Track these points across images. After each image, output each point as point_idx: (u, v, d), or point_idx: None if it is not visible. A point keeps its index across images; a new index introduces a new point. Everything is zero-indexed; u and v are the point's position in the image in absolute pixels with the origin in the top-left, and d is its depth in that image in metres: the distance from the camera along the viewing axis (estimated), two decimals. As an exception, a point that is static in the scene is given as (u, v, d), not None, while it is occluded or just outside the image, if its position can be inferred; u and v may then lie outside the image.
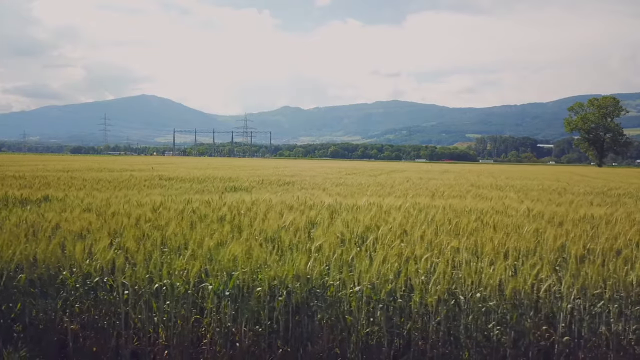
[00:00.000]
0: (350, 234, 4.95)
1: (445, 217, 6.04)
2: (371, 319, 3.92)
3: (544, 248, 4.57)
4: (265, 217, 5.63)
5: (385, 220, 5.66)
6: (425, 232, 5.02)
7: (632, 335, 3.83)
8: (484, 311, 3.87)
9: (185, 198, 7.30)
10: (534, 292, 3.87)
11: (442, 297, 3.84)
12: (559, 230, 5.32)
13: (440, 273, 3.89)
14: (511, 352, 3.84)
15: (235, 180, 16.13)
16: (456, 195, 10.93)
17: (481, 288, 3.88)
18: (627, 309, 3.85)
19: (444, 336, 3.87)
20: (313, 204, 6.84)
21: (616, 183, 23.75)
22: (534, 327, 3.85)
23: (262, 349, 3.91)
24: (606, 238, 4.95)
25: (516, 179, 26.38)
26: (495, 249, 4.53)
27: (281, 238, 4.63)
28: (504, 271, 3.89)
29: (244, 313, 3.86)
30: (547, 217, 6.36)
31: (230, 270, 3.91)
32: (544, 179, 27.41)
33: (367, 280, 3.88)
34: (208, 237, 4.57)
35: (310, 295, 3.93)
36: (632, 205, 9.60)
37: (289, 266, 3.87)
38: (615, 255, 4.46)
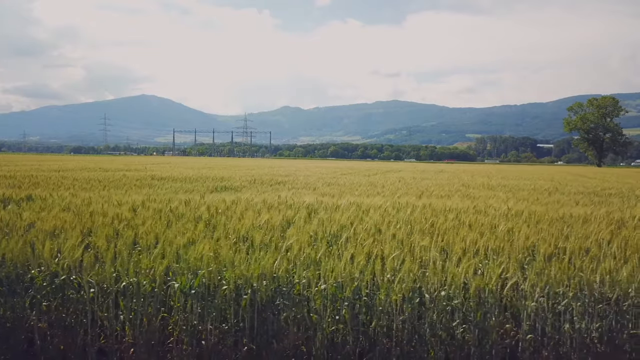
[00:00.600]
0: (323, 233, 4.98)
1: (423, 216, 6.06)
2: (337, 317, 3.94)
3: (514, 247, 4.59)
4: (243, 216, 5.65)
5: (362, 219, 5.68)
6: (399, 231, 5.05)
7: (595, 333, 3.86)
8: (448, 309, 3.90)
9: (167, 197, 7.32)
10: (499, 291, 3.90)
11: (407, 295, 3.86)
12: (533, 229, 5.35)
13: (405, 271, 3.92)
14: (475, 351, 3.87)
15: (227, 180, 16.15)
16: (443, 195, 10.95)
17: (446, 286, 3.91)
18: (590, 307, 3.88)
19: (409, 334, 3.90)
20: (293, 204, 6.86)
21: (611, 183, 23.76)
22: (498, 325, 3.87)
23: (229, 346, 3.93)
24: (578, 237, 4.97)
25: (511, 178, 26.39)
26: (465, 248, 4.55)
27: (252, 237, 4.65)
28: (468, 270, 3.92)
29: (210, 311, 3.88)
30: (525, 216, 6.39)
31: (196, 268, 3.94)
32: (539, 179, 27.42)
33: (332, 279, 3.91)
34: (180, 235, 4.59)
35: (276, 294, 3.96)
36: (618, 204, 9.62)
37: (255, 265, 3.90)
38: (583, 254, 4.49)
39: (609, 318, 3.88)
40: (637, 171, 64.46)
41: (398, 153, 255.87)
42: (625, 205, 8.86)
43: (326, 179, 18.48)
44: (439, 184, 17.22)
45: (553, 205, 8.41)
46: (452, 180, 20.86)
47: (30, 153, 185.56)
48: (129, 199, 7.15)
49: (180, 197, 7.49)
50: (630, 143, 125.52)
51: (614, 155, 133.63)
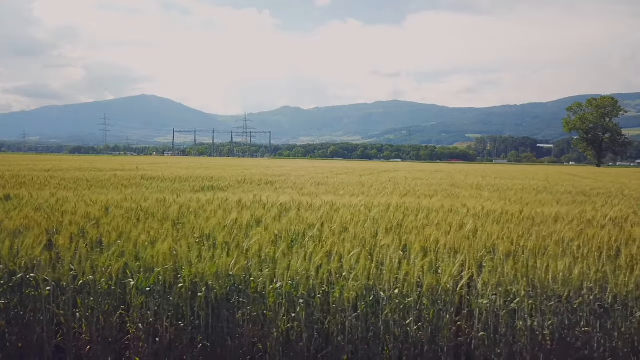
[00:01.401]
0: (287, 232, 5.01)
1: (394, 215, 6.10)
2: (292, 314, 3.98)
3: (474, 245, 4.62)
4: (213, 215, 5.69)
5: (332, 218, 5.72)
6: (364, 230, 5.09)
7: (547, 331, 3.89)
8: (402, 307, 3.93)
9: (144, 197, 7.36)
10: (452, 289, 3.94)
11: (360, 293, 3.90)
12: (500, 228, 5.38)
13: (360, 269, 3.95)
14: (429, 348, 3.91)
15: (216, 180, 16.20)
16: (427, 195, 10.99)
17: (399, 284, 3.94)
18: (542, 305, 3.91)
19: (363, 332, 3.93)
20: (267, 203, 6.90)
21: (603, 183, 23.78)
22: (451, 323, 3.91)
23: (185, 344, 3.97)
24: (541, 236, 5.01)
25: (505, 178, 26.43)
26: (425, 246, 4.59)
27: (215, 236, 4.69)
28: (423, 268, 3.96)
29: (166, 309, 3.92)
30: (496, 215, 6.42)
31: (152, 266, 3.98)
32: (533, 178, 27.45)
33: (287, 277, 3.95)
34: (145, 234, 4.63)
35: (232, 292, 3.99)
36: (599, 204, 9.65)
37: (210, 263, 3.94)
38: (542, 252, 4.52)
39: (561, 315, 3.92)
40: (635, 171, 64.46)
41: (398, 153, 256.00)
42: (602, 205, 8.90)
43: (317, 179, 18.51)
44: (429, 183, 17.26)
45: (532, 205, 8.45)
46: (443, 180, 20.89)
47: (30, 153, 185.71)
48: (106, 198, 7.20)
49: (157, 196, 7.53)
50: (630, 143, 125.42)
51: (614, 156, 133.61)
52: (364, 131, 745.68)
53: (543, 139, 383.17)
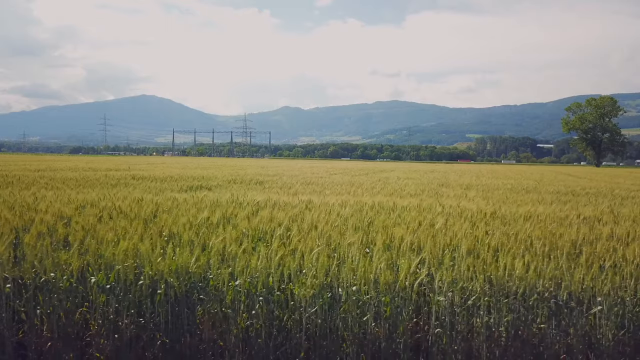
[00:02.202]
0: (254, 230, 5.06)
1: (367, 214, 6.14)
2: (253, 311, 4.02)
3: (437, 243, 4.66)
4: (186, 213, 5.73)
5: (303, 218, 5.76)
6: (332, 229, 5.13)
7: (502, 327, 3.93)
8: (360, 304, 3.97)
9: (122, 196, 7.40)
10: (410, 286, 3.97)
11: (317, 291, 3.94)
12: (468, 226, 5.43)
13: (319, 267, 3.99)
14: (386, 345, 3.94)
15: (207, 180, 16.24)
16: (412, 194, 11.03)
17: (357, 281, 3.98)
18: (499, 302, 3.95)
19: (321, 328, 3.97)
20: (242, 202, 6.94)
21: (597, 183, 23.82)
22: (409, 320, 3.95)
23: (145, 341, 4.01)
24: (508, 234, 5.05)
25: (499, 178, 26.47)
26: (388, 244, 4.63)
27: (181, 234, 4.73)
28: (380, 265, 4.00)
29: (126, 306, 3.96)
30: (469, 214, 6.46)
31: (113, 264, 4.02)
32: (527, 178, 27.49)
33: (247, 274, 3.99)
34: (112, 232, 4.67)
35: (192, 289, 4.04)
36: (581, 203, 9.69)
37: (170, 261, 3.98)
38: (505, 250, 4.55)
39: (517, 312, 3.96)
40: (632, 171, 64.46)
41: (398, 153, 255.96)
42: (584, 204, 8.93)
43: (309, 179, 18.54)
44: (419, 183, 17.28)
45: (511, 204, 8.49)
46: (435, 180, 20.92)
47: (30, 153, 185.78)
48: (85, 197, 7.24)
49: (138, 195, 7.56)
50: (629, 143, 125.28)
51: (614, 156, 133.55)
52: (364, 131, 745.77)
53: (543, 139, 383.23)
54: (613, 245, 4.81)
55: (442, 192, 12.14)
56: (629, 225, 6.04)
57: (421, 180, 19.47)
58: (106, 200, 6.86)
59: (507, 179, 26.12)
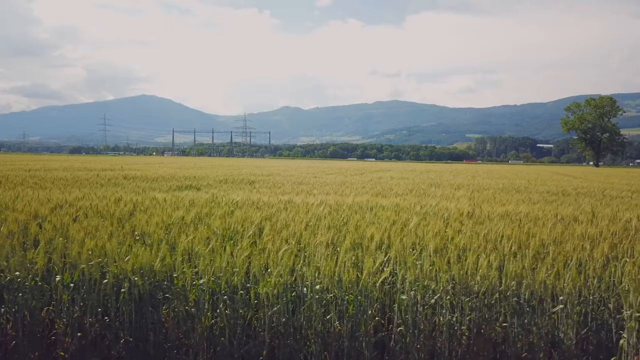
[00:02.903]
0: (225, 230, 5.08)
1: (343, 214, 6.16)
2: (218, 310, 4.04)
3: (405, 242, 4.67)
4: (161, 213, 5.74)
5: (277, 217, 5.78)
6: (304, 228, 5.14)
7: (464, 326, 3.95)
8: (324, 303, 3.99)
9: (103, 195, 7.42)
10: (372, 284, 3.99)
11: (281, 290, 3.95)
12: (442, 224, 5.45)
13: (284, 265, 4.01)
14: (349, 344, 3.96)
15: (199, 179, 16.25)
16: (400, 194, 11.04)
17: (321, 280, 4.00)
18: (461, 301, 3.97)
19: (285, 327, 3.99)
20: (221, 201, 6.96)
21: (591, 183, 23.81)
22: (371, 318, 3.96)
23: (110, 339, 4.03)
24: (474, 233, 5.06)
25: (494, 178, 26.48)
26: (357, 243, 4.65)
27: (151, 233, 4.75)
28: (344, 264, 4.01)
29: (91, 304, 3.98)
30: (446, 213, 6.48)
31: (77, 263, 4.04)
32: (522, 178, 27.48)
33: (211, 273, 4.01)
34: (82, 231, 4.69)
35: (156, 288, 4.06)
36: (566, 203, 9.71)
37: (134, 260, 4.00)
38: (473, 249, 4.57)
39: (479, 311, 3.97)
40: (630, 171, 64.46)
41: (397, 153, 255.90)
42: (569, 204, 8.94)
43: (302, 179, 18.56)
44: (411, 183, 17.28)
45: (495, 204, 8.51)
46: (428, 180, 20.93)
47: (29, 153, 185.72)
48: (65, 197, 7.25)
49: (121, 195, 7.59)
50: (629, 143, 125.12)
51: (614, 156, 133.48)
52: (364, 131, 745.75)
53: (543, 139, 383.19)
54: (582, 244, 4.83)
55: (430, 192, 12.15)
56: (605, 225, 6.06)
57: (414, 180, 19.48)
58: (86, 199, 6.88)
59: (502, 178, 26.15)
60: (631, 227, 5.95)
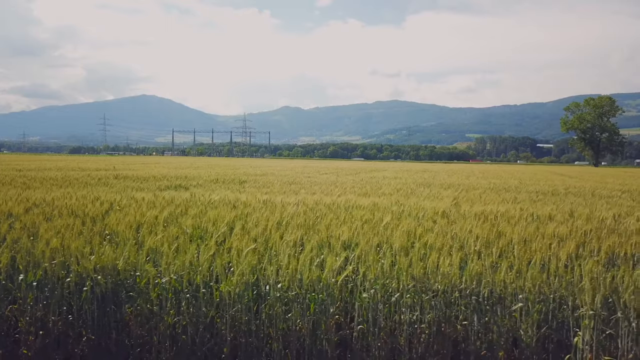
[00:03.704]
0: (195, 229, 5.10)
1: (317, 213, 6.18)
2: (181, 308, 4.06)
3: (372, 241, 4.69)
4: (135, 212, 5.77)
5: (251, 216, 5.80)
6: (274, 228, 5.17)
7: (424, 324, 3.97)
8: (285, 301, 4.01)
9: (81, 195, 7.45)
10: (334, 282, 4.01)
11: (243, 288, 3.98)
12: (414, 223, 5.47)
13: (246, 264, 4.03)
14: (310, 342, 3.99)
15: (190, 179, 16.28)
16: (386, 194, 11.07)
17: (283, 278, 4.02)
18: (421, 299, 3.99)
19: (247, 325, 4.02)
20: (198, 200, 7.00)
21: (585, 182, 23.81)
22: (331, 316, 3.99)
23: (74, 337, 4.06)
24: (442, 232, 5.09)
25: (489, 178, 26.51)
26: (323, 242, 4.67)
27: (119, 233, 4.78)
28: (305, 262, 4.04)
29: (51, 303, 4.01)
30: (422, 213, 6.50)
31: (41, 261, 4.06)
32: (515, 178, 27.49)
33: (173, 272, 4.03)
34: (52, 231, 4.72)
35: (119, 286, 4.08)
36: (549, 202, 9.73)
37: (97, 258, 4.03)
38: (438, 248, 4.59)
39: (439, 310, 4.00)
40: (627, 171, 64.46)
41: (397, 153, 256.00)
42: (554, 203, 8.97)
43: (294, 179, 18.58)
44: (402, 183, 17.31)
45: (477, 203, 8.53)
46: (420, 179, 20.96)
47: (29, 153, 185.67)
48: (44, 196, 7.28)
49: (96, 194, 7.61)
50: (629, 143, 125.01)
51: (613, 155, 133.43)
52: (364, 131, 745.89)
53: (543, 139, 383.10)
54: (551, 243, 4.85)
55: (417, 191, 12.18)
56: (579, 224, 6.07)
57: (406, 180, 19.50)
58: (64, 199, 6.91)
59: (497, 178, 26.18)
60: (604, 227, 5.98)
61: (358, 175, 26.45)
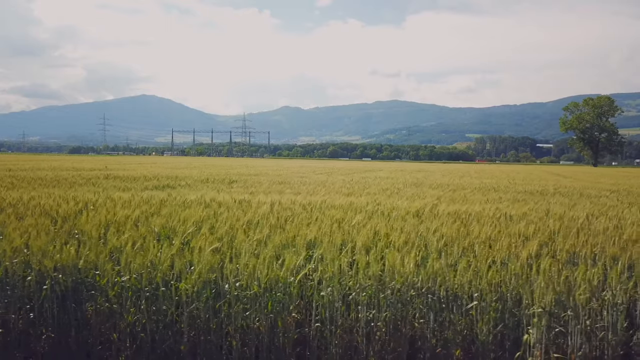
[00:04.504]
0: (163, 228, 5.15)
1: (288, 213, 6.23)
2: (141, 306, 4.11)
3: (334, 239, 4.74)
4: (108, 212, 5.81)
5: (223, 216, 5.84)
6: (241, 227, 5.21)
7: (380, 322, 4.01)
8: (244, 299, 4.06)
9: (58, 195, 7.49)
10: (292, 281, 4.06)
11: (201, 287, 4.02)
12: (383, 222, 5.52)
13: (205, 263, 4.07)
14: (269, 340, 4.03)
15: (180, 179, 16.32)
16: (372, 193, 11.12)
17: (242, 276, 4.07)
18: (377, 298, 4.04)
19: (205, 323, 4.06)
20: (174, 200, 7.05)
21: (577, 182, 23.86)
22: (288, 314, 4.03)
23: (35, 336, 4.10)
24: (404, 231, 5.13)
25: (482, 178, 26.57)
26: (287, 241, 4.71)
27: (87, 232, 4.82)
28: (264, 261, 4.08)
29: (14, 301, 4.05)
30: (393, 212, 6.55)
31: (2, 260, 4.11)
32: (509, 178, 27.52)
33: (133, 270, 4.08)
34: (19, 230, 4.76)
35: (80, 285, 4.12)
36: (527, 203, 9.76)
37: (57, 257, 4.07)
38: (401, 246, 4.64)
39: (395, 308, 4.04)
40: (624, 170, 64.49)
41: (397, 153, 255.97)
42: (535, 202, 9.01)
43: (285, 179, 18.64)
44: (392, 183, 17.35)
45: (457, 203, 8.58)
46: (411, 179, 21.00)
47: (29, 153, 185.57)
48: (20, 196, 7.32)
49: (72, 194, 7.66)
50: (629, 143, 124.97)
51: (613, 155, 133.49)
52: (364, 131, 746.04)
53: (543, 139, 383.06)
54: (515, 242, 4.89)
55: (403, 191, 12.22)
56: (552, 223, 6.12)
57: (396, 180, 19.54)
58: (41, 199, 6.95)
59: (491, 178, 26.23)
60: (574, 226, 6.02)
61: (351, 175, 26.49)
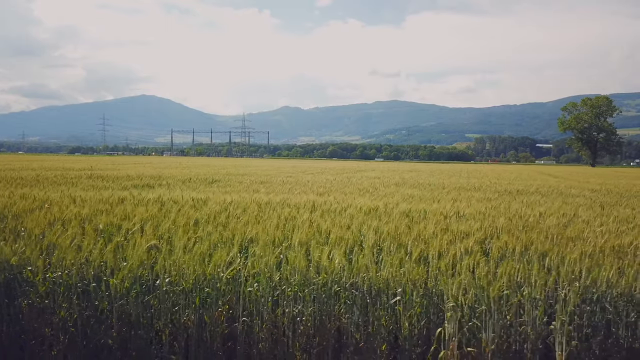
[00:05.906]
0: (108, 225, 5.23)
1: (237, 211, 6.32)
2: (74, 302, 4.19)
3: (271, 236, 4.82)
4: (59, 210, 5.90)
5: (171, 214, 5.93)
6: (185, 225, 5.30)
7: (305, 317, 4.09)
8: (172, 295, 4.14)
9: (21, 193, 7.59)
10: (220, 277, 4.14)
11: (131, 282, 4.11)
12: (340, 220, 5.61)
13: (136, 258, 4.16)
14: (197, 334, 4.11)
15: (162, 179, 16.40)
16: (348, 193, 11.21)
17: (173, 272, 4.15)
18: (301, 292, 4.12)
19: (136, 318, 4.14)
20: (134, 199, 7.14)
21: (564, 182, 23.94)
22: (216, 309, 4.11)
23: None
24: (352, 229, 5.22)
25: (471, 177, 26.65)
26: (227, 239, 4.80)
27: (30, 229, 4.91)
28: (195, 257, 4.17)
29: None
30: (347, 210, 6.64)
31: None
32: (499, 177, 27.61)
33: (65, 266, 4.16)
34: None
35: (12, 281, 4.21)
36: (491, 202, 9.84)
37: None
38: (337, 243, 4.72)
39: (320, 303, 4.12)
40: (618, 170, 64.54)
41: (397, 153, 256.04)
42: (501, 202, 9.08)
43: (269, 178, 18.72)
44: (377, 182, 17.44)
45: (424, 202, 8.67)
46: (398, 179, 21.08)
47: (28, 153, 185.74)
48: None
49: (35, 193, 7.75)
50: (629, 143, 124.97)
51: (612, 155, 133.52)
52: (364, 131, 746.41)
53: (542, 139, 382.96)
54: (451, 239, 4.97)
55: (380, 190, 12.30)
56: (502, 221, 6.20)
57: (382, 180, 19.62)
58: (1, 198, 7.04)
59: (479, 178, 26.29)
60: (522, 224, 6.10)
61: (340, 175, 26.56)
